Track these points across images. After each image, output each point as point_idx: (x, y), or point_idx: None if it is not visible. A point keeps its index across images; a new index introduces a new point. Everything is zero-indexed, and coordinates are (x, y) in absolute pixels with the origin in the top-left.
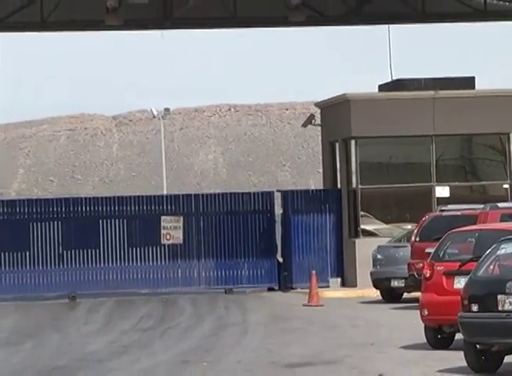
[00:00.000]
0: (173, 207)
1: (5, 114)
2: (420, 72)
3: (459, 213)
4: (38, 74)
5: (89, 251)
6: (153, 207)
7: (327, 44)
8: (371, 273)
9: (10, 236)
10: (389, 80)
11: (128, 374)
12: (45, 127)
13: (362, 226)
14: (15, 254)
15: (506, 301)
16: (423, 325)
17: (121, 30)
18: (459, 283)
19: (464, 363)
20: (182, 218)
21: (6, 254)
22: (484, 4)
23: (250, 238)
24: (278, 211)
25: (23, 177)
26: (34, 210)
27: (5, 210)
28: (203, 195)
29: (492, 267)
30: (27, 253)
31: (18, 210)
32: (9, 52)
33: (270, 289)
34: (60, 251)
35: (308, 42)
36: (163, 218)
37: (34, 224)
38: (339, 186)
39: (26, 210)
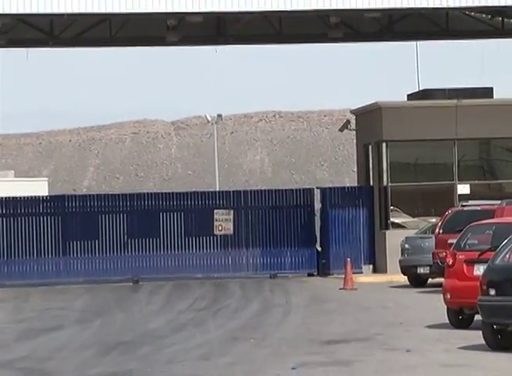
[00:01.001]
0: (224, 201)
1: (77, 119)
2: (444, 82)
3: (478, 208)
4: (106, 84)
5: (151, 240)
6: (206, 202)
7: (362, 57)
8: (399, 261)
9: (81, 226)
10: (416, 90)
11: (185, 348)
12: (112, 131)
13: (392, 219)
14: (85, 243)
15: None
16: (445, 307)
17: (180, 45)
18: (479, 270)
19: (482, 341)
20: (232, 211)
21: (78, 242)
22: (502, 23)
23: (292, 229)
24: (317, 205)
25: (93, 175)
26: (103, 204)
27: (78, 204)
28: (250, 191)
29: (507, 256)
30: (96, 241)
31: (88, 204)
32: (79, 66)
33: (310, 274)
34: (125, 240)
35: (344, 55)
36: (215, 211)
37: (103, 216)
38: (371, 183)
39: (95, 204)
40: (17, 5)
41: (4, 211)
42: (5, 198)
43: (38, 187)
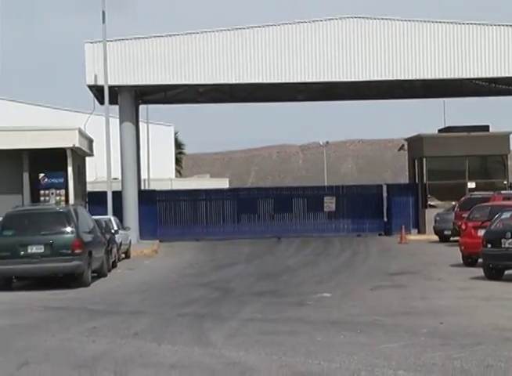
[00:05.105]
0: (330, 191)
1: (244, 144)
2: (460, 121)
3: (480, 196)
4: (261, 123)
5: (287, 214)
6: (320, 192)
7: (410, 106)
8: (433, 227)
9: (247, 206)
10: (443, 126)
11: (306, 275)
12: (265, 150)
13: (429, 202)
14: (250, 215)
15: (506, 242)
16: (461, 254)
17: (305, 101)
18: (481, 232)
19: (482, 274)
20: (334, 197)
21: (245, 215)
22: (494, 87)
23: (370, 208)
24: (384, 194)
25: (254, 176)
26: (260, 193)
27: (245, 193)
28: (345, 186)
29: (498, 224)
30: (256, 214)
31: (251, 193)
32: (253, 115)
33: (380, 234)
34: (272, 214)
35: (399, 104)
36: (325, 197)
37: (260, 200)
38: (417, 181)
39: (255, 193)
40: (211, 78)
41: (205, 197)
42: (206, 190)
43: (223, 183)
